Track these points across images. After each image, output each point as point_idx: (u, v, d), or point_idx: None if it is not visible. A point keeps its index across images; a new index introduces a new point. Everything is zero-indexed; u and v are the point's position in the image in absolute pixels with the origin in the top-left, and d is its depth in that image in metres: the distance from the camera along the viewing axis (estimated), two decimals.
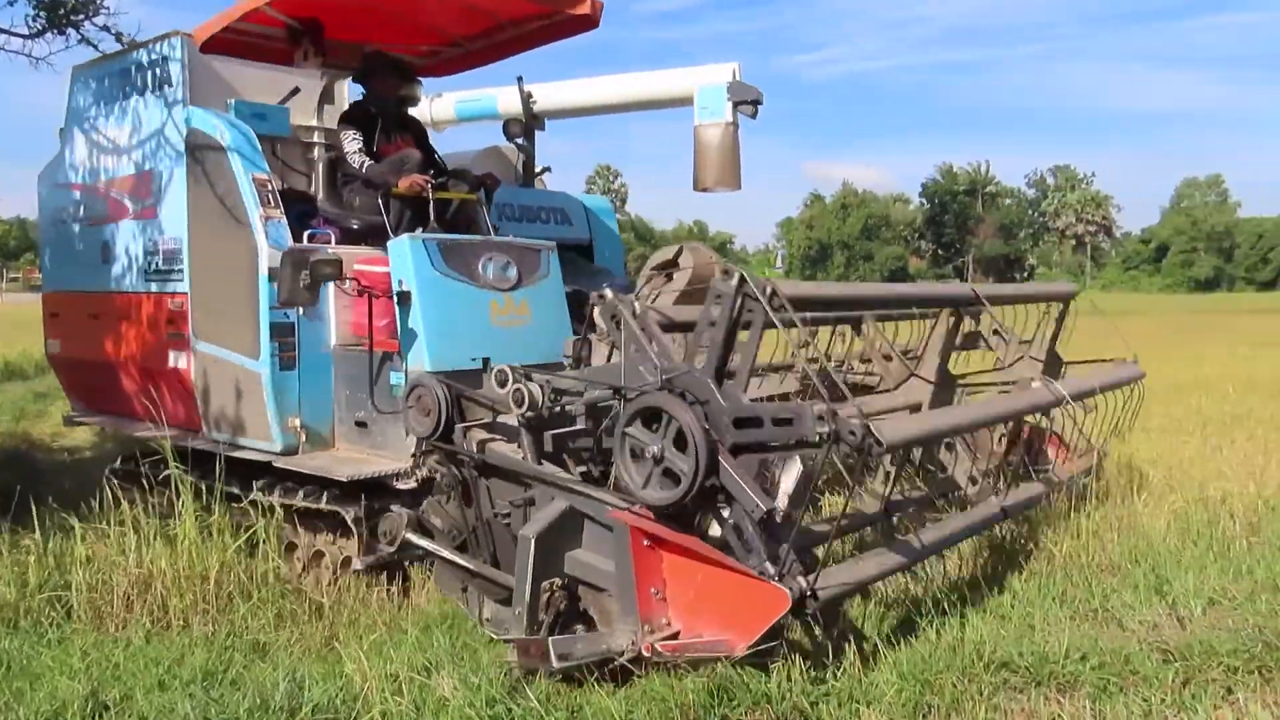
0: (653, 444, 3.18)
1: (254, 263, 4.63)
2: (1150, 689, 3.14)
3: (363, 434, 4.66)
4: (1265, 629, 3.47)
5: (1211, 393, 10.11)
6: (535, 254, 4.91)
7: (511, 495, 3.72)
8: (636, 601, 3.14)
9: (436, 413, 3.89)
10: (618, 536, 3.23)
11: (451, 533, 3.95)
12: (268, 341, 4.61)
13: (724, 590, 3.07)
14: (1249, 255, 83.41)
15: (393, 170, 5.01)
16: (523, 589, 3.35)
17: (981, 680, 3.18)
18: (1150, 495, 5.34)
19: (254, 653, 3.71)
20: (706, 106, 6.04)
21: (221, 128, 4.86)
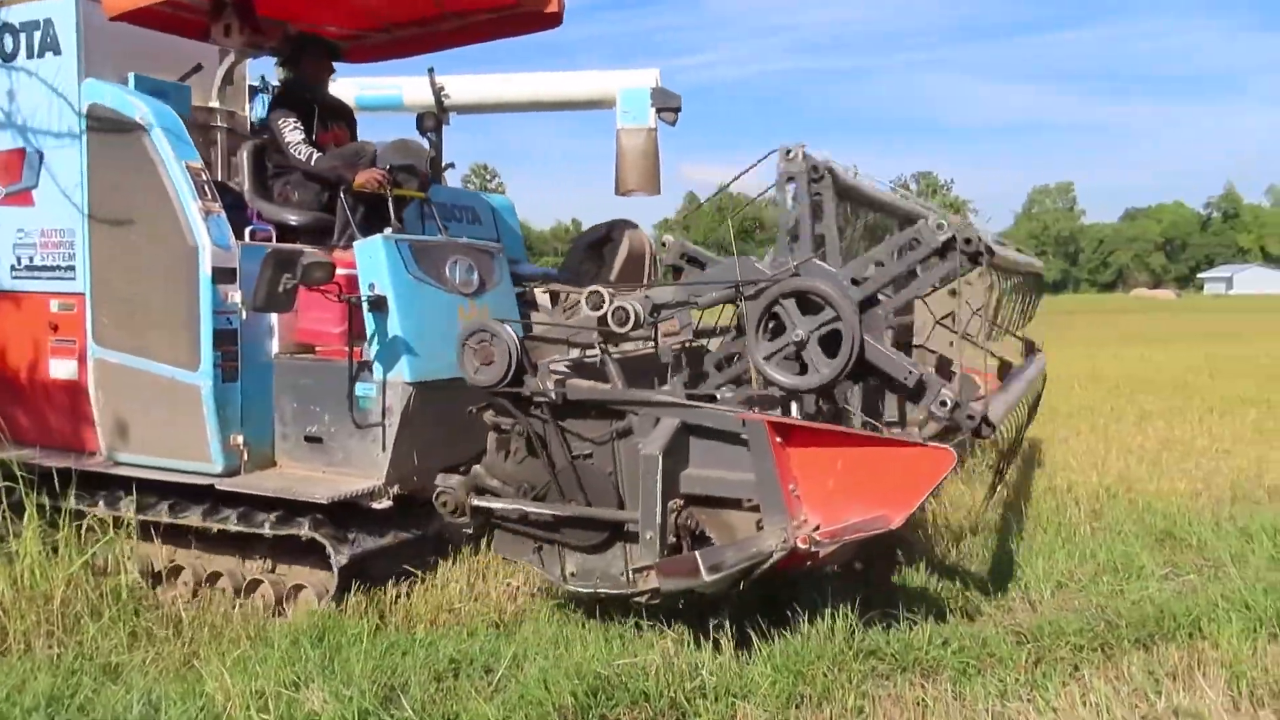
0: (802, 327, 3.33)
1: (190, 263, 4.10)
2: (1005, 670, 3.31)
3: (315, 450, 4.25)
4: (1107, 609, 3.72)
5: (1058, 387, 10.77)
6: (490, 257, 4.72)
7: (597, 432, 3.50)
8: (784, 499, 3.12)
9: (506, 359, 3.48)
10: (755, 438, 3.17)
11: (522, 487, 3.63)
12: (210, 350, 4.10)
13: (874, 468, 3.10)
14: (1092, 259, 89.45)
15: (346, 164, 4.62)
16: (651, 511, 3.24)
17: (851, 669, 3.29)
18: (1004, 485, 5.64)
19: (105, 675, 3.48)
20: (629, 110, 6.08)
21: (141, 106, 4.22)
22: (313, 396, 4.26)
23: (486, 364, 3.52)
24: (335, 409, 4.21)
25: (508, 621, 3.99)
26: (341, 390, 4.16)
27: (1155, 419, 8.34)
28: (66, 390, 4.53)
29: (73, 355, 4.48)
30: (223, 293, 4.13)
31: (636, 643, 3.58)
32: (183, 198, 4.15)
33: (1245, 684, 3.16)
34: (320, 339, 4.38)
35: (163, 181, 4.17)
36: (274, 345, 4.38)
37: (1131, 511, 5.21)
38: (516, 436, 3.65)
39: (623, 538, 3.50)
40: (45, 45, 4.44)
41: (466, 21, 5.23)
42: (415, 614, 4.05)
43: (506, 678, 3.27)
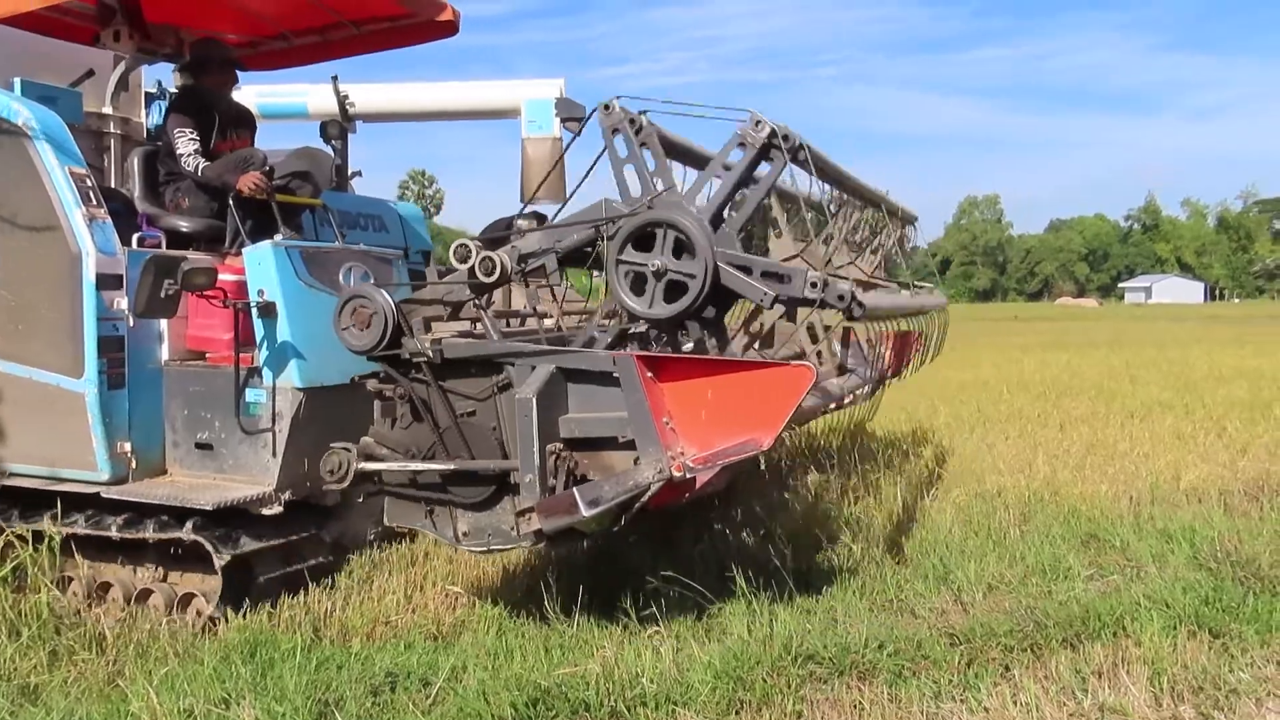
0: (652, 260, 3.39)
1: (74, 269, 4.03)
2: (939, 671, 3.38)
3: (206, 457, 4.23)
4: (1035, 609, 3.82)
5: (989, 393, 11.04)
6: (388, 264, 4.74)
7: (478, 388, 3.51)
8: (657, 432, 3.16)
9: (382, 322, 3.45)
10: (625, 374, 3.22)
11: (410, 452, 3.60)
12: (94, 358, 4.03)
13: (741, 392, 3.16)
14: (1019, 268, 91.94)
15: (231, 170, 4.62)
16: (530, 454, 3.28)
17: (790, 673, 3.32)
18: (937, 490, 5.76)
19: (22, 696, 3.35)
20: (534, 120, 6.17)
21: (24, 111, 4.14)
22: (203, 403, 4.22)
23: (362, 328, 3.49)
24: (225, 416, 4.18)
25: (446, 633, 3.94)
26: (228, 397, 4.14)
27: (1079, 424, 8.59)
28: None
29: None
30: (108, 299, 4.06)
31: (576, 652, 3.57)
32: (66, 204, 4.07)
33: (1166, 680, 3.27)
34: (209, 345, 4.34)
35: (45, 188, 4.09)
36: (164, 352, 4.32)
37: (1058, 514, 5.36)
38: (400, 401, 3.63)
39: (509, 490, 3.49)
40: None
41: (363, 30, 5.26)
42: (350, 627, 3.97)
43: (445, 690, 3.23)
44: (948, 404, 10.09)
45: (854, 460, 6.31)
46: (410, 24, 5.15)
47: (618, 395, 3.28)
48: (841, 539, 4.88)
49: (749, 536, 4.89)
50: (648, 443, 3.19)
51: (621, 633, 3.75)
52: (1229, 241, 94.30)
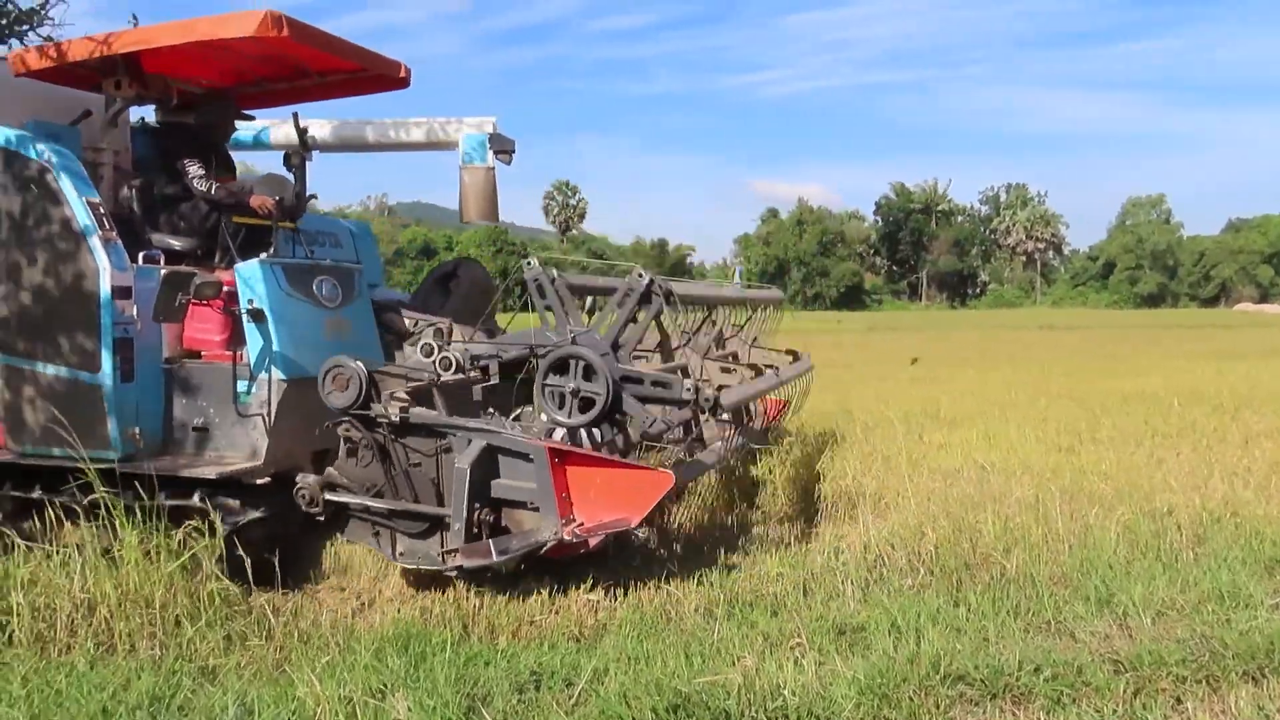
0: (568, 383, 4.38)
1: (94, 282, 4.76)
2: (1102, 700, 3.18)
3: (203, 439, 4.98)
4: (1212, 639, 3.54)
5: (1158, 405, 10.34)
6: (350, 275, 5.55)
7: (426, 446, 4.48)
8: (556, 504, 4.15)
9: (357, 386, 4.44)
10: (537, 459, 4.22)
11: (365, 485, 4.55)
12: (110, 356, 4.75)
13: (620, 483, 4.19)
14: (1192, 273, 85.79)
15: (242, 192, 5.41)
16: (460, 509, 4.24)
17: (938, 693, 3.20)
18: (1100, 507, 5.44)
19: (202, 676, 3.62)
20: (470, 153, 7.02)
21: (46, 150, 4.87)
22: (200, 394, 4.99)
23: (341, 390, 4.47)
24: (219, 403, 4.95)
25: (587, 635, 4.01)
26: (225, 388, 4.91)
27: (1263, 439, 7.92)
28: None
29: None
30: (120, 307, 4.78)
31: (717, 660, 3.55)
32: (86, 228, 4.80)
33: None
34: (204, 345, 5.07)
35: (67, 215, 4.83)
36: (164, 351, 5.03)
37: (1238, 537, 4.96)
38: (363, 447, 4.52)
39: (441, 527, 4.40)
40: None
41: (327, 80, 5.94)
42: (497, 625, 4.10)
43: (587, 691, 3.28)
44: (1110, 416, 9.52)
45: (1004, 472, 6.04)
46: (367, 76, 5.84)
47: (530, 468, 4.25)
48: (993, 556, 4.68)
49: (893, 548, 4.76)
50: (549, 511, 4.19)
51: (762, 642, 3.71)
52: None
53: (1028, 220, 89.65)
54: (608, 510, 4.20)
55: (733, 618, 4.04)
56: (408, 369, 4.71)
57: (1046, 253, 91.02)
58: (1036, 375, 15.06)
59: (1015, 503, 5.55)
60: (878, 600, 4.19)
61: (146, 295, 4.84)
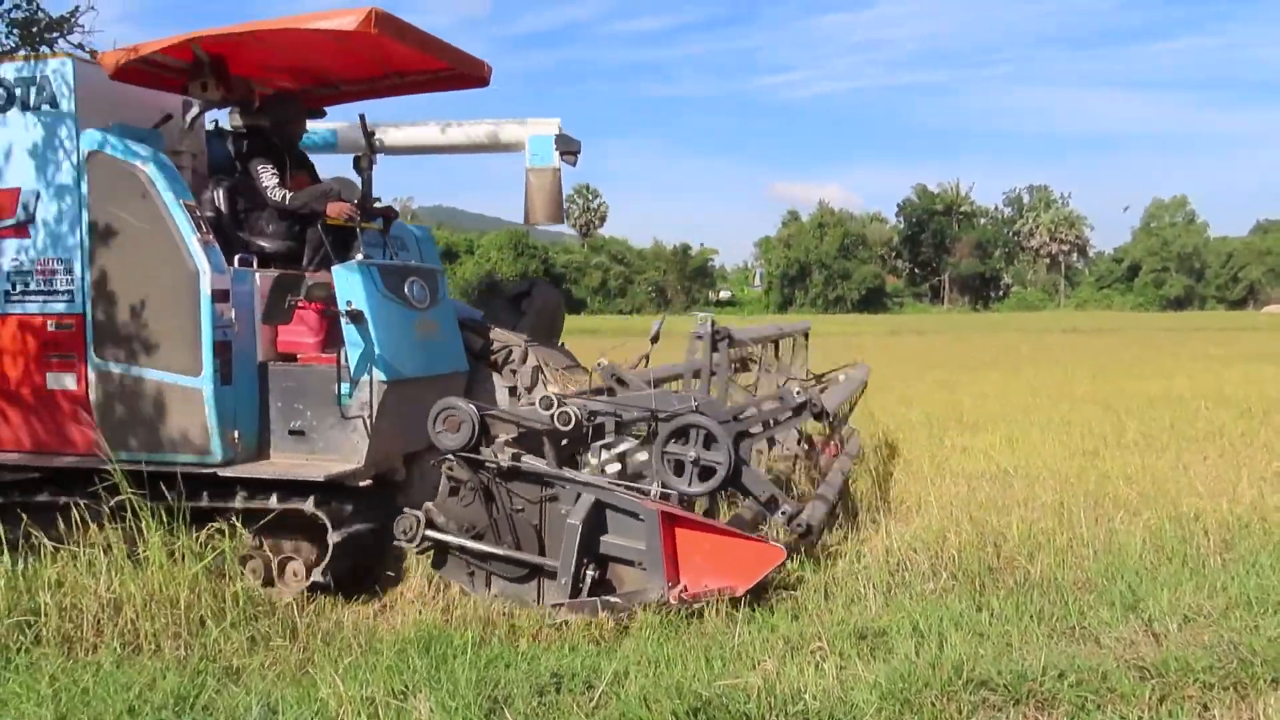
0: (689, 451, 4.42)
1: (194, 285, 4.74)
2: (1128, 706, 3.15)
3: (299, 442, 4.94)
4: (1240, 645, 3.50)
5: (1184, 409, 10.23)
6: (435, 277, 5.52)
7: (531, 494, 4.47)
8: (664, 567, 4.19)
9: (469, 429, 4.41)
10: (648, 521, 4.23)
11: (464, 525, 4.49)
12: (210, 359, 4.72)
13: (730, 552, 4.21)
14: (1219, 274, 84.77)
15: (317, 199, 5.30)
16: (568, 564, 4.24)
17: (961, 699, 3.18)
18: (1125, 512, 5.38)
19: (227, 677, 3.65)
20: (537, 154, 6.95)
21: (142, 154, 4.87)
22: (297, 396, 4.95)
23: (453, 432, 4.43)
24: (317, 406, 4.91)
25: (608, 637, 4.01)
26: (323, 390, 4.88)
27: None
28: (64, 400, 5.02)
29: (72, 369, 5.00)
30: (219, 310, 4.77)
31: (738, 663, 3.55)
32: (184, 231, 4.78)
33: None
34: (299, 348, 5.07)
35: (164, 218, 4.80)
36: (259, 354, 5.01)
37: (1266, 543, 4.89)
38: (467, 488, 4.50)
39: (541, 574, 4.41)
40: (41, 99, 5.00)
41: (404, 80, 5.90)
42: (518, 627, 4.12)
43: (608, 694, 3.28)
44: (1136, 419, 9.43)
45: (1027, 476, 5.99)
46: (448, 75, 5.78)
47: (640, 527, 4.27)
48: (1017, 559, 4.64)
49: (915, 552, 4.73)
50: (656, 573, 4.22)
51: (783, 646, 3.70)
52: None
53: (1051, 222, 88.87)
54: (714, 576, 4.20)
55: (753, 621, 4.03)
56: (520, 416, 4.65)
57: (1070, 255, 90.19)
58: (1060, 378, 14.93)
59: (1039, 507, 5.51)
60: (900, 604, 4.17)
61: (243, 298, 4.87)
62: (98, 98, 5.07)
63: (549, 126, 7.03)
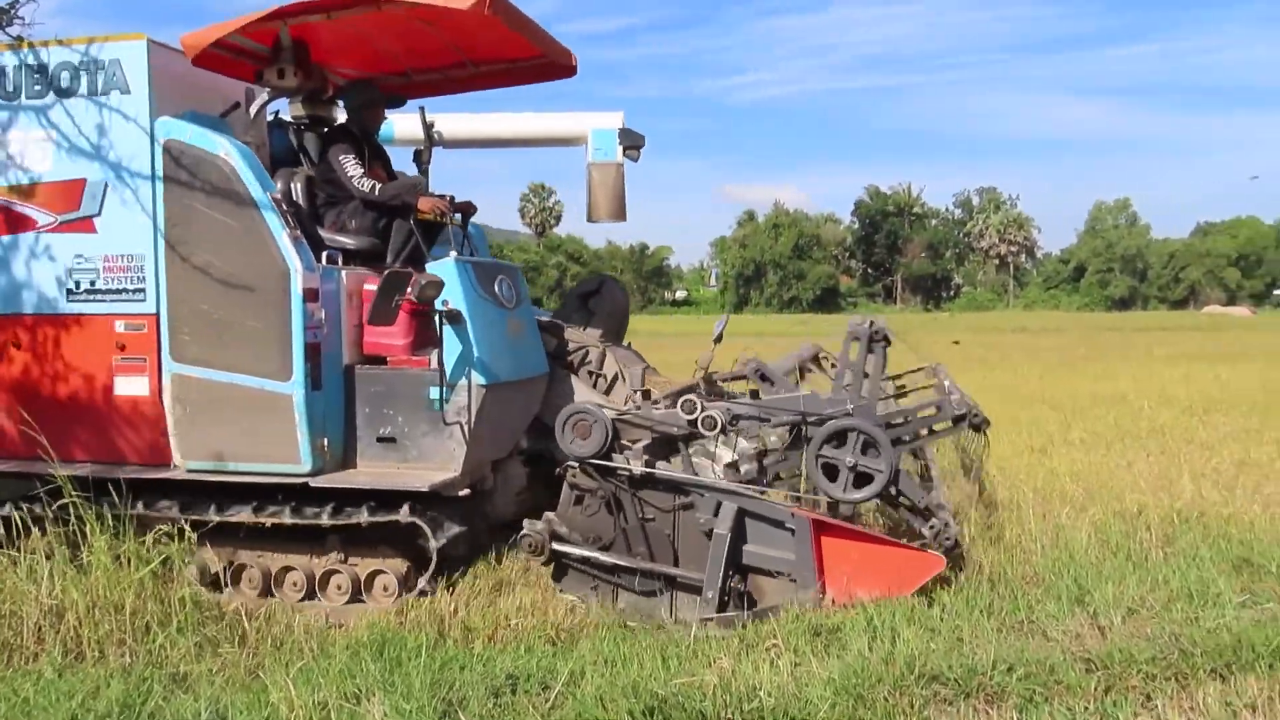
0: (846, 456, 4.22)
1: (284, 284, 4.46)
2: (1074, 698, 3.22)
3: (389, 450, 4.65)
4: (1181, 637, 3.59)
5: (1128, 407, 10.48)
6: (517, 275, 5.24)
7: (664, 502, 4.29)
8: (816, 577, 4.06)
9: (601, 436, 4.26)
10: (799, 530, 4.09)
11: (588, 536, 4.35)
12: (301, 362, 4.44)
13: (882, 560, 4.06)
14: (1161, 275, 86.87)
15: (407, 192, 5.06)
16: (716, 576, 4.09)
17: (913, 693, 3.22)
18: (1072, 508, 5.50)
19: (174, 684, 3.57)
20: (600, 148, 6.74)
21: (224, 142, 4.57)
22: (387, 401, 4.64)
23: (584, 438, 4.27)
24: (409, 411, 4.61)
25: (564, 638, 4.00)
26: (415, 394, 4.58)
27: (1230, 441, 8.05)
28: (133, 406, 4.70)
29: (142, 372, 4.67)
30: (310, 310, 4.47)
31: (693, 662, 3.56)
32: (273, 226, 4.49)
33: None
34: (388, 350, 4.75)
35: (253, 211, 4.50)
36: (344, 357, 4.71)
37: (1206, 537, 5.03)
38: (591, 496, 4.33)
39: (673, 588, 4.25)
40: (111, 83, 4.66)
41: (481, 70, 5.65)
42: (473, 628, 4.08)
43: (564, 695, 3.27)
44: (1081, 419, 9.63)
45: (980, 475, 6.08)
46: (531, 65, 5.52)
47: (787, 538, 4.12)
48: (968, 555, 4.71)
49: None
50: (807, 584, 4.06)
51: (739, 644, 3.72)
52: None
53: (1000, 224, 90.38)
54: (864, 586, 4.05)
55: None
56: (654, 420, 4.45)
57: (1019, 256, 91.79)
58: (1010, 378, 15.19)
59: (989, 503, 5.60)
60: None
61: (329, 297, 4.60)
62: (169, 83, 4.75)
63: (613, 120, 6.78)
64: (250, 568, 4.66)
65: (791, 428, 4.42)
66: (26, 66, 4.81)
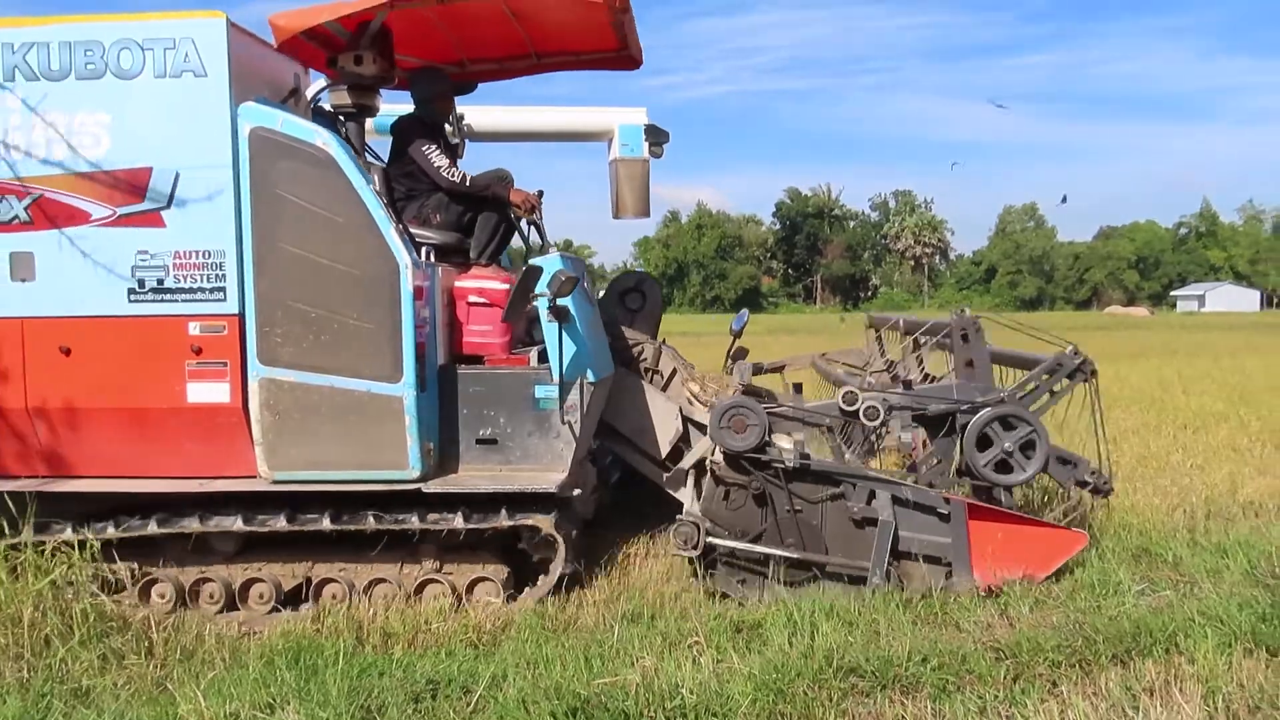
0: (1006, 441, 4.50)
1: (394, 281, 4.25)
2: (984, 686, 3.32)
3: (490, 451, 4.53)
4: (1084, 625, 3.74)
5: None
6: (583, 269, 5.16)
7: (813, 493, 4.39)
8: (971, 562, 4.28)
9: (759, 431, 4.30)
10: (955, 514, 4.31)
11: (734, 529, 4.39)
12: (412, 363, 4.26)
13: (1024, 540, 4.28)
14: (1067, 276, 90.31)
15: (497, 183, 4.90)
16: (881, 562, 4.25)
17: (831, 686, 3.29)
18: None
19: (75, 699, 3.43)
20: (627, 144, 6.69)
21: (322, 132, 4.32)
22: (488, 402, 4.53)
23: (739, 433, 4.30)
24: (512, 412, 4.52)
25: (486, 641, 3.97)
26: (520, 394, 4.50)
27: (1130, 435, 8.40)
28: (210, 414, 4.36)
29: (223, 378, 4.34)
30: (418, 309, 4.31)
31: (617, 661, 3.56)
32: (380, 220, 4.28)
33: (1221, 699, 3.18)
34: (486, 350, 4.67)
35: (360, 205, 4.27)
36: (439, 357, 4.57)
37: (1107, 528, 5.25)
38: (738, 489, 4.40)
39: (822, 576, 4.38)
40: (183, 65, 4.27)
41: (543, 60, 5.58)
42: (392, 634, 4.01)
43: (485, 698, 3.25)
44: None
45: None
46: (598, 57, 5.47)
47: (936, 522, 4.33)
48: None
49: None
50: (962, 569, 4.30)
51: (661, 642, 3.74)
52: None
53: (916, 226, 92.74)
54: (1008, 566, 4.22)
55: (633, 619, 4.06)
56: (807, 412, 4.57)
57: (933, 257, 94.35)
58: None
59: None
60: (775, 596, 4.27)
61: (429, 295, 4.42)
62: (244, 66, 4.41)
63: (638, 115, 6.74)
64: (334, 582, 4.47)
65: (936, 417, 4.65)
66: (75, 43, 4.31)
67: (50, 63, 4.33)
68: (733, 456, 4.35)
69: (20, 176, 4.37)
